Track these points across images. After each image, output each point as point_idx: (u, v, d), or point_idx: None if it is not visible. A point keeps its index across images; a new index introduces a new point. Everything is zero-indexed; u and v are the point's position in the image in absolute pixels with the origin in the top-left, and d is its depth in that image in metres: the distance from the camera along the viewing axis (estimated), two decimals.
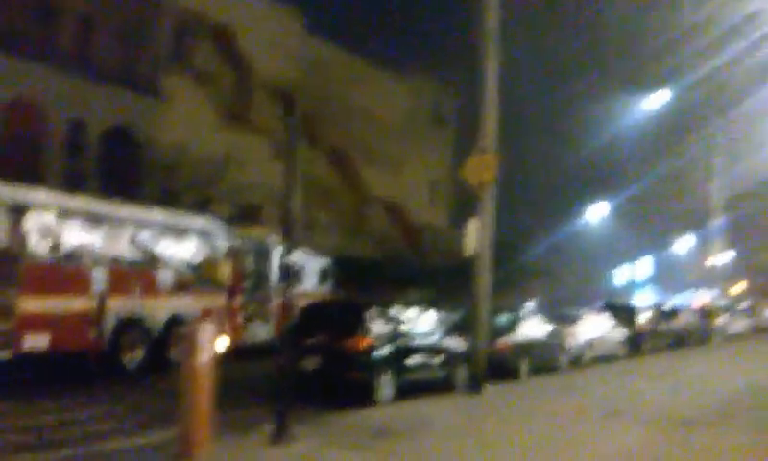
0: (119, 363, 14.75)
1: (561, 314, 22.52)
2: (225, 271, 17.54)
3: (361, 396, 12.41)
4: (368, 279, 29.75)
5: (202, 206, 32.64)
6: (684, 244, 63.41)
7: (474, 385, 14.24)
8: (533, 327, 18.67)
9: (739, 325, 42.85)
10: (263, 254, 19.93)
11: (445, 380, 14.59)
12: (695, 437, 10.49)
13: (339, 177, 38.07)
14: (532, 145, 46.53)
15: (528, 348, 17.70)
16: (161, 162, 30.29)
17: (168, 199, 28.82)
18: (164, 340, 15.44)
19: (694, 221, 54.00)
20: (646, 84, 38.07)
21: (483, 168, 15.09)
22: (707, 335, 35.13)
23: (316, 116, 31.83)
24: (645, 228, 58.07)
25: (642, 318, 27.51)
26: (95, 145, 29.86)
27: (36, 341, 12.94)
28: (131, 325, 14.78)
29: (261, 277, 19.76)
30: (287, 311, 10.62)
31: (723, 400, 14.27)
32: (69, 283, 13.79)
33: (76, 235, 13.96)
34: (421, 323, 14.84)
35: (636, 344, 25.84)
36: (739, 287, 51.85)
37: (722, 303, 38.78)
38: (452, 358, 14.81)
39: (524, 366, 17.25)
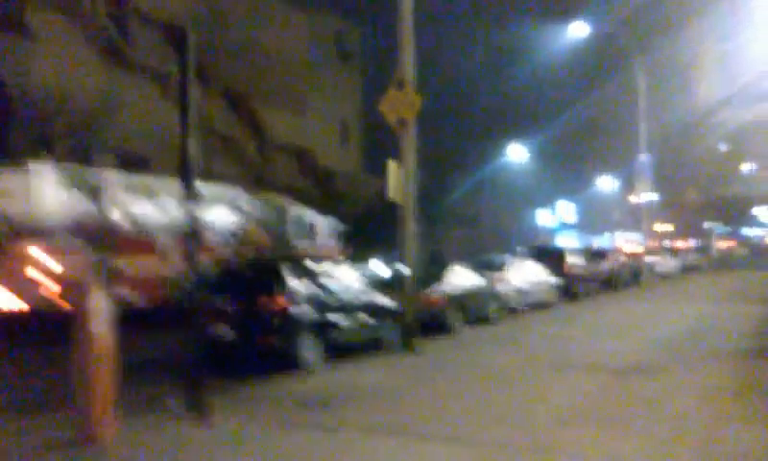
0: None
1: (489, 261, 22.58)
2: (257, 233, 21.54)
3: (283, 363, 11.95)
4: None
5: (81, 155, 30.99)
6: (606, 184, 65.41)
7: (407, 343, 14.00)
8: (463, 277, 18.58)
9: (666, 265, 44.72)
10: (281, 216, 23.55)
11: (376, 340, 14.29)
12: (647, 384, 10.57)
13: (238, 121, 36.83)
14: (450, 81, 46.42)
15: (460, 299, 17.62)
16: (32, 108, 28.42)
17: (42, 148, 27.16)
18: None
19: (618, 161, 55.66)
20: (570, 12, 38.31)
21: (403, 105, 14.68)
22: (636, 277, 36.37)
23: (209, 53, 30.51)
24: (568, 168, 59.43)
25: (572, 262, 28.03)
26: None
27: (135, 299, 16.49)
28: None
29: (282, 235, 23.04)
30: None
31: (666, 345, 14.61)
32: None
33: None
34: (346, 278, 14.40)
35: (568, 289, 26.34)
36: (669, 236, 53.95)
37: (648, 243, 40.20)
38: (381, 316, 14.49)
39: (456, 318, 17.17)
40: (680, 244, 59.98)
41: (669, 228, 61.92)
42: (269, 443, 7.82)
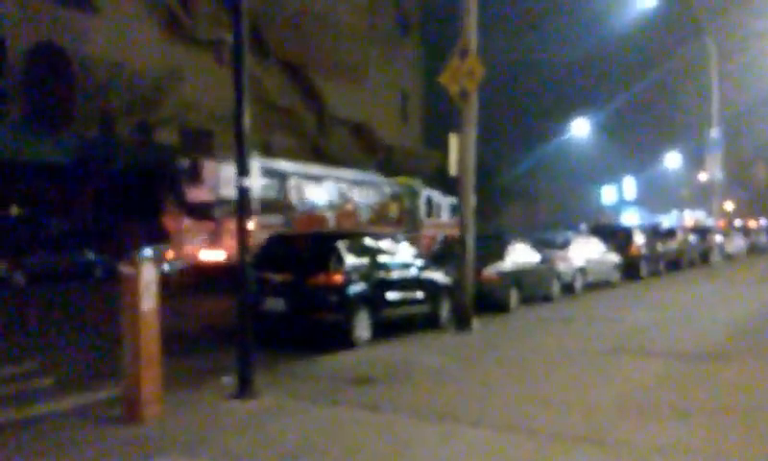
0: None
1: (551, 239, 22.04)
2: (394, 210, 25.94)
3: (334, 339, 11.75)
4: None
5: (143, 131, 31.33)
6: (672, 160, 63.49)
7: (462, 321, 13.66)
8: (523, 255, 18.09)
9: (735, 245, 43.25)
10: (414, 196, 27.42)
11: (429, 317, 14.00)
12: (716, 373, 10.02)
13: (296, 93, 36.74)
14: (513, 53, 45.43)
15: (518, 277, 17.16)
16: (95, 82, 28.77)
17: (104, 122, 27.51)
18: None
19: (686, 136, 53.90)
20: None
21: (465, 75, 14.20)
22: (705, 257, 35.22)
23: (267, 24, 30.40)
24: (632, 143, 57.87)
25: (637, 240, 27.19)
26: (18, 64, 28.23)
27: None
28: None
29: (414, 213, 27.15)
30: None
31: (738, 330, 13.89)
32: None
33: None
34: (400, 253, 14.11)
35: (633, 269, 25.57)
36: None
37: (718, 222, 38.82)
38: (436, 292, 14.17)
39: (514, 297, 16.74)
40: (752, 223, 57.93)
41: (734, 206, 59.66)
42: (311, 419, 7.60)
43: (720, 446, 6.69)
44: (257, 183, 19.27)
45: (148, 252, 23.79)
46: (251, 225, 18.86)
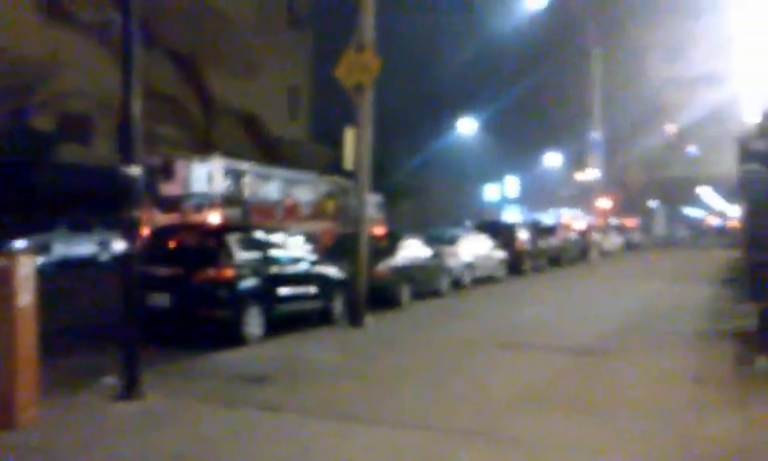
0: None
1: (440, 235, 22.23)
2: (330, 206, 28.00)
3: (224, 336, 11.33)
4: None
5: (19, 118, 29.53)
6: (552, 160, 65.65)
7: (355, 317, 13.50)
8: (414, 251, 18.12)
9: (612, 243, 45.13)
10: (345, 193, 28.06)
11: (322, 313, 13.76)
12: (603, 367, 10.27)
13: (184, 84, 35.61)
14: (402, 50, 45.66)
15: (410, 272, 17.16)
16: None
17: None
18: None
19: (566, 137, 55.84)
20: None
21: (361, 69, 14.03)
22: (584, 254, 36.52)
23: (155, 12, 29.26)
24: (515, 143, 59.41)
25: (521, 237, 27.85)
26: None
27: None
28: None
29: (345, 209, 27.81)
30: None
31: (620, 325, 14.37)
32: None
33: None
34: (293, 248, 13.80)
35: (517, 264, 26.16)
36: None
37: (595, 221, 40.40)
38: (329, 287, 13.95)
39: (406, 292, 16.73)
40: (628, 222, 60.68)
41: (611, 206, 62.31)
42: (202, 420, 7.25)
43: (611, 440, 6.79)
44: (220, 182, 22.89)
45: (21, 244, 22.41)
46: (215, 218, 21.09)
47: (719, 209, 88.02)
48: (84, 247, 26.22)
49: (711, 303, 18.32)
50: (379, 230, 20.41)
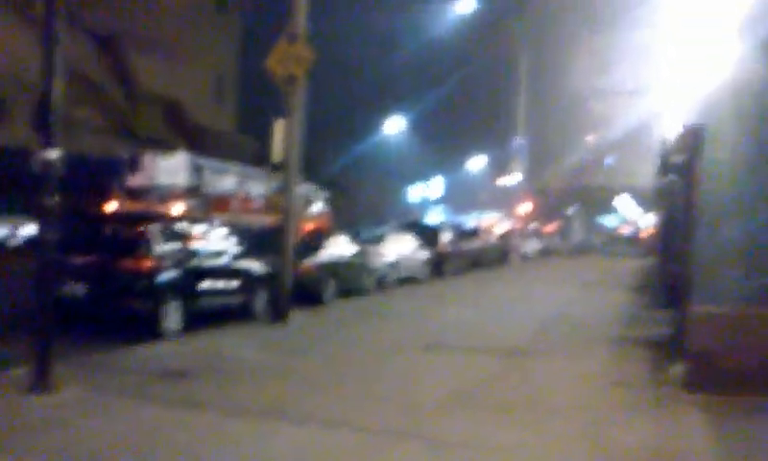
0: None
1: (366, 234, 22.21)
2: (281, 201, 27.53)
3: (142, 328, 10.99)
4: None
5: None
6: (475, 164, 66.60)
7: (279, 313, 13.31)
8: (340, 248, 18.03)
9: (530, 247, 46.00)
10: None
11: (244, 308, 13.51)
12: (526, 370, 10.41)
13: (105, 66, 34.49)
14: (331, 46, 45.42)
15: (334, 269, 17.05)
16: None
17: None
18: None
19: (489, 142, 56.70)
20: None
21: (293, 60, 13.85)
22: (504, 257, 37.09)
23: None
24: (440, 145, 59.96)
25: (444, 238, 28.07)
26: None
27: None
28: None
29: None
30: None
31: (541, 329, 14.61)
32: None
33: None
34: (215, 241, 13.50)
35: (439, 266, 26.35)
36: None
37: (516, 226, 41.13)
38: (252, 282, 13.71)
39: (330, 289, 16.61)
40: (548, 228, 61.99)
41: (531, 211, 63.63)
42: (118, 416, 6.99)
43: (534, 441, 6.86)
44: (183, 176, 24.19)
45: None
46: (179, 208, 21.72)
47: (633, 219, 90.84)
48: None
49: (626, 309, 18.83)
50: (307, 226, 20.48)
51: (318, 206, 32.18)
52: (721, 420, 7.81)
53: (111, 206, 23.00)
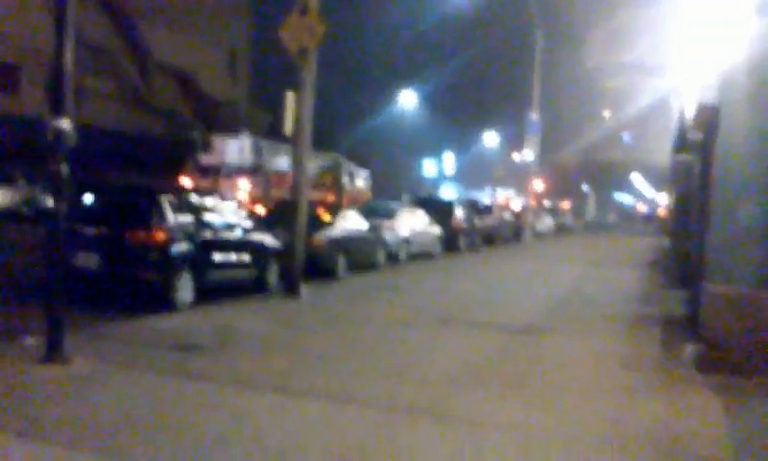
0: None
1: (379, 208, 22.18)
2: (328, 179, 31.42)
3: (154, 300, 11.03)
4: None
5: None
6: (490, 140, 66.32)
7: (291, 287, 13.34)
8: (352, 223, 18.00)
9: (544, 224, 45.85)
10: (339, 167, 33.84)
11: (256, 281, 13.54)
12: (538, 346, 10.40)
13: (118, 37, 34.45)
14: (346, 21, 45.17)
15: (346, 244, 17.05)
16: None
17: None
18: None
19: (504, 117, 56.37)
20: None
21: (305, 32, 13.76)
22: (518, 234, 37.00)
23: None
24: (455, 120, 59.69)
25: (458, 214, 28.01)
26: None
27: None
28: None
29: (338, 180, 33.24)
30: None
31: (554, 306, 14.59)
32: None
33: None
34: (228, 213, 13.51)
35: (452, 241, 26.31)
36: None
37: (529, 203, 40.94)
38: (264, 256, 13.73)
39: (343, 264, 16.63)
40: (561, 205, 61.71)
41: (545, 187, 63.41)
42: (129, 388, 7.03)
43: (545, 420, 6.86)
44: (248, 155, 27.80)
45: None
46: (244, 183, 26.53)
47: (649, 197, 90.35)
48: (6, 199, 25.22)
49: (641, 287, 18.78)
50: (321, 200, 21.96)
51: (361, 182, 35.55)
52: (734, 401, 7.77)
53: (186, 182, 25.39)
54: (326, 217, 17.13)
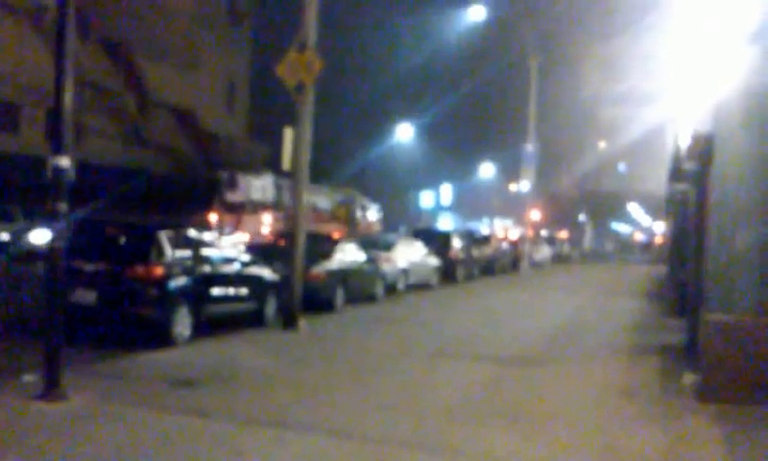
0: None
1: (377, 240, 22.20)
2: (343, 213, 33.44)
3: (152, 336, 10.98)
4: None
5: None
6: (486, 171, 66.55)
7: (289, 320, 13.30)
8: (350, 255, 18.00)
9: (542, 254, 45.84)
10: (351, 203, 35.70)
11: (255, 315, 13.50)
12: (535, 378, 10.35)
13: (117, 75, 34.65)
14: (343, 55, 45.55)
15: (344, 276, 17.02)
16: None
17: None
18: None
19: (500, 148, 56.64)
20: None
21: (303, 68, 13.87)
22: (515, 264, 36.98)
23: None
24: (452, 152, 59.95)
25: (456, 245, 28.02)
26: None
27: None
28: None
29: (352, 214, 35.15)
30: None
31: (551, 337, 14.54)
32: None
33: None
34: (225, 248, 13.51)
35: (450, 272, 26.30)
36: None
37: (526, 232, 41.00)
38: (262, 289, 13.70)
39: (341, 296, 16.59)
40: (558, 235, 61.76)
41: (542, 217, 63.53)
42: (128, 425, 6.97)
43: (543, 452, 6.81)
44: (271, 192, 29.67)
45: None
46: (267, 217, 28.86)
47: (646, 226, 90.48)
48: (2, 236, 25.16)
49: (638, 316, 18.74)
50: (320, 231, 21.85)
51: (372, 214, 37.44)
52: (733, 430, 7.73)
53: (213, 218, 26.47)
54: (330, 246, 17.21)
